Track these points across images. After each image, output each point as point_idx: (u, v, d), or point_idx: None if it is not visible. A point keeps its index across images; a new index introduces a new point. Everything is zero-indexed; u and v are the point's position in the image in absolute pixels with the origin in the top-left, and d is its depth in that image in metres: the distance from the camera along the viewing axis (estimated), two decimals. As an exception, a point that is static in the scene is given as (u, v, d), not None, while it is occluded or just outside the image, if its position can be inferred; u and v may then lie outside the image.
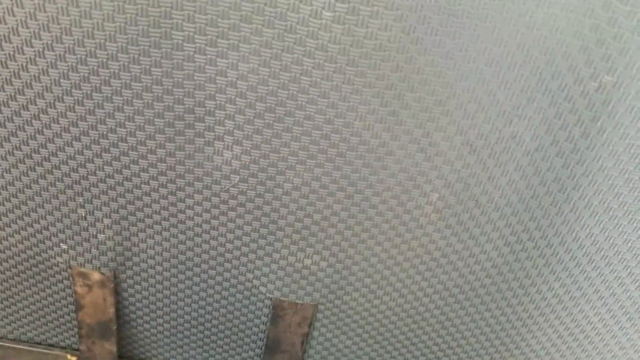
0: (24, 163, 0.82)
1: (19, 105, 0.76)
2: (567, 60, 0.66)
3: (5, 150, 0.81)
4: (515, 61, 0.68)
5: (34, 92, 0.74)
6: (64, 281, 0.97)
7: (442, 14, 0.64)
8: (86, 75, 0.72)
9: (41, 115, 0.76)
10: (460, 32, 0.66)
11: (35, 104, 0.75)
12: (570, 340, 0.97)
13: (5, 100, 0.75)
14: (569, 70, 0.67)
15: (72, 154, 0.80)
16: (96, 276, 0.94)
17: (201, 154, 0.79)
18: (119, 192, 0.84)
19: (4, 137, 0.79)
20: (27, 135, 0.79)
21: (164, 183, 0.83)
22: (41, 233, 0.90)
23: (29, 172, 0.83)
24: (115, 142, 0.78)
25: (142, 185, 0.83)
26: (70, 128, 0.77)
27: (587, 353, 0.99)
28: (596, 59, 0.65)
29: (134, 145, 0.79)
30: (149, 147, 0.79)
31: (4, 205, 0.87)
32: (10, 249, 0.93)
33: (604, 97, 0.67)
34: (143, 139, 0.78)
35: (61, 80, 0.73)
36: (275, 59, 0.69)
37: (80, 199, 0.85)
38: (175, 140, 0.78)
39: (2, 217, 0.89)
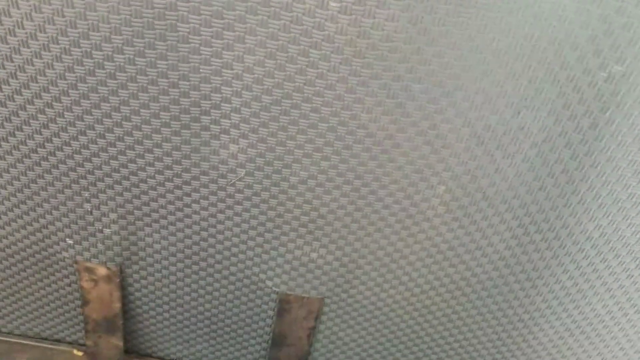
0: (30, 158, 0.82)
1: (24, 99, 0.75)
2: (576, 50, 0.66)
3: (10, 145, 0.80)
4: (523, 51, 0.68)
5: (39, 86, 0.74)
6: (70, 276, 0.97)
7: (449, 4, 0.64)
8: (91, 68, 0.72)
9: (46, 109, 0.76)
10: (468, 22, 0.65)
11: (41, 98, 0.75)
12: (577, 333, 0.96)
13: (10, 94, 0.75)
14: (578, 61, 0.66)
15: (77, 148, 0.80)
16: (102, 271, 0.94)
17: (207, 148, 0.79)
18: (124, 186, 0.84)
19: (9, 131, 0.79)
20: (32, 129, 0.78)
21: (170, 177, 0.82)
22: (47, 228, 0.90)
23: (34, 167, 0.83)
24: (121, 135, 0.78)
25: (148, 179, 0.83)
26: (76, 122, 0.77)
27: (594, 345, 0.98)
28: (605, 48, 0.64)
29: (140, 138, 0.78)
30: (155, 141, 0.79)
31: (9, 200, 0.87)
32: (16, 245, 0.93)
33: (612, 87, 0.67)
34: (149, 133, 0.78)
35: (66, 73, 0.72)
36: (281, 50, 0.69)
37: (86, 194, 0.85)
38: (181, 133, 0.78)
39: (8, 212, 0.89)
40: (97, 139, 0.79)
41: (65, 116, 0.77)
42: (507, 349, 1.01)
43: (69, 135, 0.79)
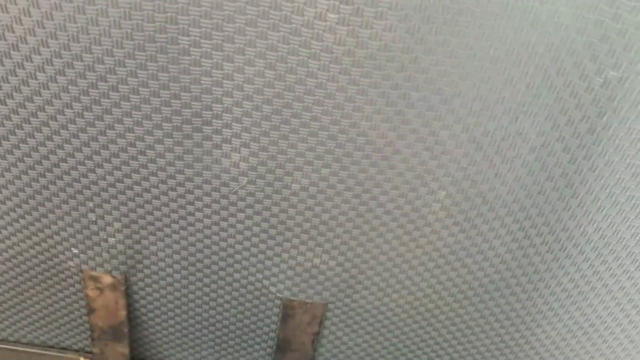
0: (34, 169, 0.83)
1: (28, 112, 0.76)
2: (572, 56, 0.67)
3: (15, 157, 0.81)
4: (520, 58, 0.68)
5: (43, 100, 0.75)
6: (76, 285, 0.98)
7: (446, 13, 0.65)
8: (94, 81, 0.73)
9: (50, 122, 0.77)
10: (465, 30, 0.66)
11: (44, 111, 0.76)
12: (579, 334, 0.97)
13: (14, 107, 0.76)
14: (574, 67, 0.67)
15: (81, 160, 0.81)
16: (107, 279, 0.95)
17: (209, 157, 0.80)
18: (128, 195, 0.85)
19: (14, 144, 0.80)
20: (36, 142, 0.79)
21: (173, 186, 0.83)
22: (52, 238, 0.91)
23: (39, 178, 0.84)
24: (124, 146, 0.79)
25: (152, 189, 0.84)
26: (80, 134, 0.78)
27: (596, 347, 0.99)
28: (601, 54, 0.65)
29: (143, 149, 0.79)
30: (158, 151, 0.79)
31: (15, 211, 0.88)
32: (22, 254, 0.94)
33: (609, 92, 0.67)
34: (152, 143, 0.79)
35: (69, 87, 0.73)
36: (280, 61, 0.70)
37: (91, 204, 0.86)
38: (184, 143, 0.79)
39: (13, 223, 0.90)
40: (101, 150, 0.80)
41: (69, 128, 0.78)
42: (510, 351, 1.01)
43: (73, 147, 0.80)
